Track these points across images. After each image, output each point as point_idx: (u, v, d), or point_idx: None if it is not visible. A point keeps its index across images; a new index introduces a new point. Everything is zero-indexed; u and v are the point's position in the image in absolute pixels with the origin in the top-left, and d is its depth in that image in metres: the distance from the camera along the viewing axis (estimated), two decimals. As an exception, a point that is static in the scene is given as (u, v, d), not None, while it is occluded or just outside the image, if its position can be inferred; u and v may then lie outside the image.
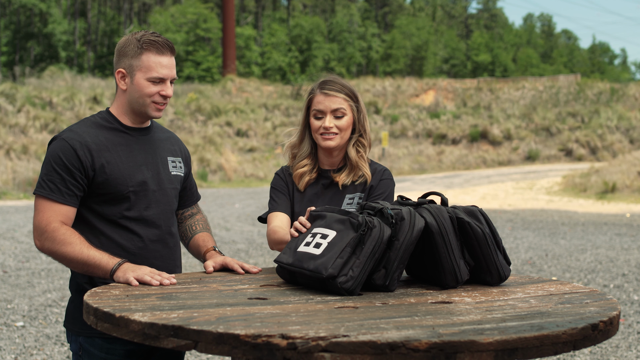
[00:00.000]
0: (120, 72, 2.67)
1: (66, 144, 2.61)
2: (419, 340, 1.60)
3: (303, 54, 59.40)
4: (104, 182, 2.62)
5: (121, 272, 2.46)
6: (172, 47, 2.69)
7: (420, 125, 36.92)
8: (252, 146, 31.37)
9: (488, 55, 73.98)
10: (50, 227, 2.54)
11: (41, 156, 23.66)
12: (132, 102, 2.68)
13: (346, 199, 2.90)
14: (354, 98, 2.91)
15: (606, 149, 34.37)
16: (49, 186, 2.58)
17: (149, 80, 2.63)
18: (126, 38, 2.68)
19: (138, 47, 2.63)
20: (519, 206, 18.09)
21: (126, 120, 2.74)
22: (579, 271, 9.06)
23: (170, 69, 2.66)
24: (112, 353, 2.59)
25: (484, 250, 2.36)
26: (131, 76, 2.65)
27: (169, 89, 2.67)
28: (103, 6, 65.76)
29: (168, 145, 2.85)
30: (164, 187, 2.75)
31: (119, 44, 2.70)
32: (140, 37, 2.65)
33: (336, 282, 2.20)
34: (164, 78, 2.65)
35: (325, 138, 2.87)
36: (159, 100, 2.67)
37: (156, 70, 2.63)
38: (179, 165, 2.85)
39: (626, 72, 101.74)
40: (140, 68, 2.63)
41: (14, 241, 11.39)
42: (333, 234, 2.33)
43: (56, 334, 5.95)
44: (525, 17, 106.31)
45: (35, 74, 39.61)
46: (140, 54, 2.63)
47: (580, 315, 1.89)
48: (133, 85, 2.65)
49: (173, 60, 2.70)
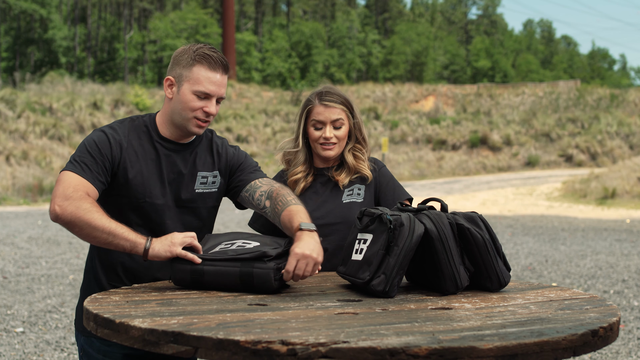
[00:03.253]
0: (169, 79, 2.62)
1: (103, 134, 2.60)
2: (419, 346, 1.60)
3: (303, 59, 59.48)
4: (124, 183, 2.59)
5: (158, 244, 2.38)
6: (226, 66, 2.62)
7: (420, 131, 36.94)
8: (252, 152, 31.38)
9: (488, 61, 74.08)
10: (77, 194, 2.43)
11: (41, 162, 23.67)
12: (174, 113, 2.63)
13: (346, 192, 3.00)
14: (349, 107, 3.02)
15: (606, 154, 34.39)
16: (80, 165, 2.52)
17: (194, 93, 2.57)
18: (184, 47, 2.64)
19: (191, 58, 2.58)
20: (519, 212, 18.09)
21: (165, 132, 2.68)
22: (579, 277, 9.05)
23: (218, 87, 2.59)
24: (110, 356, 2.59)
25: (483, 257, 2.37)
26: (179, 86, 2.60)
27: (213, 106, 2.59)
28: (103, 12, 65.86)
29: (206, 160, 2.76)
30: (184, 206, 2.69)
31: (176, 52, 2.66)
32: (196, 48, 2.60)
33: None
34: (210, 94, 2.58)
35: (325, 148, 2.98)
36: (201, 116, 2.60)
37: (204, 84, 2.56)
38: (210, 181, 2.74)
39: (626, 77, 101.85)
40: (189, 79, 2.57)
41: (13, 247, 11.39)
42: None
43: (56, 340, 5.95)
44: (525, 22, 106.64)
45: (36, 80, 39.62)
46: (192, 66, 2.57)
47: (580, 322, 1.89)
48: (178, 96, 2.60)
49: (224, 79, 2.62)
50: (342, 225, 2.88)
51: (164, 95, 2.68)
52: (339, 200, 2.97)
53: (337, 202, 2.97)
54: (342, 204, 2.96)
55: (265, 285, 2.31)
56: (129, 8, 63.54)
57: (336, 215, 2.94)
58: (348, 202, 2.97)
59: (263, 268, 2.32)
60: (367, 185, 3.02)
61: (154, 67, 59.45)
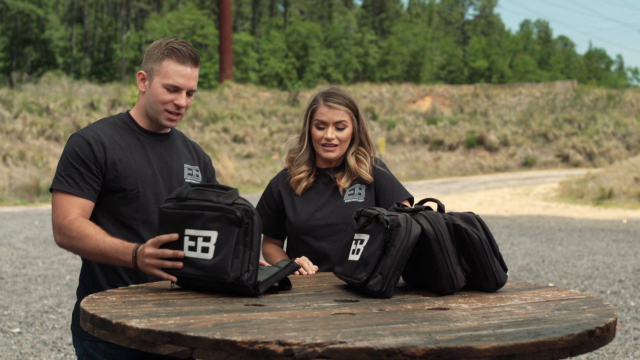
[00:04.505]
0: (142, 74, 2.68)
1: (81, 138, 2.61)
2: (416, 346, 1.60)
3: (300, 60, 59.48)
4: (114, 179, 2.60)
5: (139, 262, 2.36)
6: (195, 59, 2.66)
7: (417, 131, 36.97)
8: (249, 152, 31.39)
9: (485, 62, 74.17)
10: (66, 221, 2.50)
11: (38, 162, 23.65)
12: (147, 107, 2.69)
13: (347, 192, 3.00)
14: (354, 110, 3.01)
15: (603, 155, 34.43)
16: (67, 180, 2.55)
17: (164, 86, 2.62)
18: (155, 42, 2.69)
19: (161, 53, 2.63)
20: (516, 212, 18.11)
21: (143, 124, 2.74)
22: (576, 277, 9.06)
23: (187, 80, 2.63)
24: (116, 359, 2.58)
25: (480, 257, 2.37)
26: (150, 80, 2.66)
27: (183, 99, 2.64)
28: (100, 12, 65.82)
29: (186, 154, 2.84)
30: None
31: (149, 46, 2.70)
32: (166, 42, 2.65)
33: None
34: (180, 87, 2.63)
35: (326, 149, 2.98)
36: (171, 109, 2.65)
37: (172, 77, 2.61)
38: (195, 174, 2.82)
39: (622, 78, 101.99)
40: (159, 73, 2.63)
41: (10, 247, 11.38)
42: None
43: (52, 340, 5.94)
44: (522, 23, 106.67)
45: (32, 80, 39.61)
46: (162, 59, 2.62)
47: (577, 322, 1.89)
48: (150, 90, 2.66)
49: (195, 72, 2.66)
50: (344, 225, 2.89)
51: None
52: (340, 200, 2.99)
53: (339, 202, 2.98)
54: (344, 204, 2.97)
55: (245, 290, 2.24)
56: (125, 8, 63.49)
57: (338, 215, 2.95)
58: (350, 202, 2.97)
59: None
60: (368, 186, 3.02)
61: (151, 68, 59.34)
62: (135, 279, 2.66)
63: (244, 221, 2.18)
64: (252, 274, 2.19)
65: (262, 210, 3.09)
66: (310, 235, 2.96)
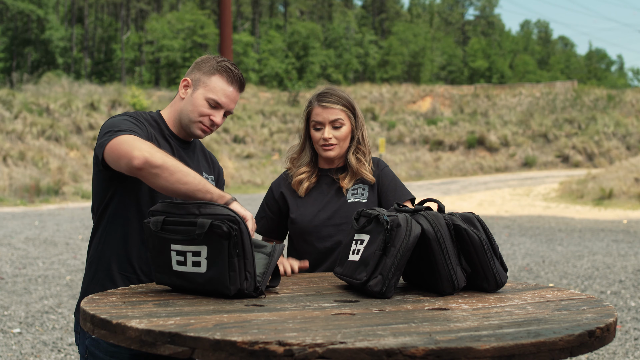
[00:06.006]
0: (187, 80, 2.71)
1: (128, 115, 2.63)
2: (416, 347, 1.60)
3: (300, 60, 59.50)
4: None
5: (238, 205, 2.34)
6: (242, 84, 2.72)
7: (417, 131, 36.98)
8: (249, 152, 31.40)
9: (485, 62, 74.19)
10: (149, 145, 2.39)
11: (38, 162, 23.65)
12: (182, 113, 2.71)
13: (350, 192, 3.02)
14: (350, 108, 3.02)
15: (603, 155, 34.45)
16: (129, 127, 2.49)
17: (207, 99, 2.66)
18: (208, 56, 2.74)
19: (213, 67, 2.68)
20: (516, 212, 18.11)
21: (174, 128, 2.76)
22: (576, 277, 9.06)
23: (230, 100, 2.68)
24: (117, 356, 2.58)
25: (480, 257, 2.37)
26: (194, 89, 2.69)
27: (219, 117, 2.68)
28: (100, 13, 65.85)
29: (204, 163, 2.88)
30: None
31: (199, 58, 2.75)
32: (220, 60, 2.70)
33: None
34: (221, 105, 2.67)
35: (326, 149, 2.99)
36: (206, 123, 2.68)
37: (218, 94, 2.66)
38: (210, 183, 2.81)
39: (623, 78, 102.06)
40: (206, 85, 2.66)
41: (10, 248, 11.38)
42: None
43: (53, 341, 5.94)
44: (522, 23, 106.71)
45: (33, 81, 39.63)
46: (212, 74, 2.67)
47: (577, 322, 1.89)
48: (191, 98, 2.68)
49: (237, 96, 2.72)
50: (347, 225, 2.90)
51: (168, 97, 2.73)
52: (343, 200, 3.00)
53: (342, 202, 2.99)
54: (347, 204, 2.98)
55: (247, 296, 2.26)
56: (126, 9, 63.51)
57: (341, 215, 2.96)
58: (353, 202, 2.98)
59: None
60: (370, 186, 3.03)
61: (151, 68, 59.48)
62: (146, 271, 2.65)
63: (232, 233, 2.18)
64: (250, 280, 2.21)
65: (262, 213, 3.11)
66: (314, 235, 2.97)
